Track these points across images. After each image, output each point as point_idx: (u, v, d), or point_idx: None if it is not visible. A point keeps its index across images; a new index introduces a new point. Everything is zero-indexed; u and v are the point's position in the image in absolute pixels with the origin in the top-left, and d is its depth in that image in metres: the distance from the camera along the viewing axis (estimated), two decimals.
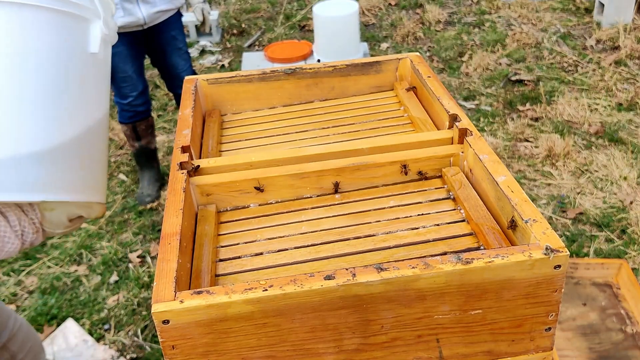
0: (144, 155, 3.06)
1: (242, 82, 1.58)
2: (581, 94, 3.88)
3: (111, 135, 3.61)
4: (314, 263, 1.06)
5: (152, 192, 3.06)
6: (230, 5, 5.69)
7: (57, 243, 2.80)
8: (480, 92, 3.98)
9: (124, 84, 2.80)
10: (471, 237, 1.10)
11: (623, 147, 3.32)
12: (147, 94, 2.91)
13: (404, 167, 1.24)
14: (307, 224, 1.16)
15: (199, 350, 0.89)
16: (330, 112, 1.57)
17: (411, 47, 4.73)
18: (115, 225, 2.91)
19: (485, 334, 0.97)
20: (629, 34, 4.48)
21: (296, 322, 0.90)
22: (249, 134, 1.51)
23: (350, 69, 1.60)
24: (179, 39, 2.88)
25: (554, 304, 0.95)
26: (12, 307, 2.48)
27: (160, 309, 0.85)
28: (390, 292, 0.90)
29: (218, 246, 1.13)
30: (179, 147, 1.24)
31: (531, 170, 3.18)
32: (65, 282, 2.58)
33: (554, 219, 2.81)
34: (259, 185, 1.21)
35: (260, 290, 0.87)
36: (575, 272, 2.32)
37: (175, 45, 2.86)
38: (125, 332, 2.34)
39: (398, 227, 1.13)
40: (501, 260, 0.90)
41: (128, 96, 2.84)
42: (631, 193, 2.95)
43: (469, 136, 1.23)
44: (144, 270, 2.63)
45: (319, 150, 1.26)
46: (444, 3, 5.45)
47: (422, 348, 0.97)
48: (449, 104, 1.33)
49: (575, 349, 2.06)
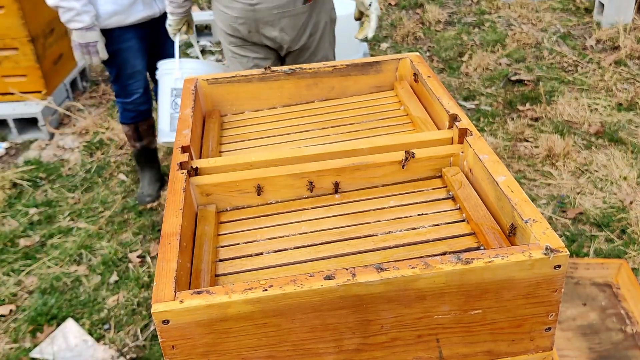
0: (144, 156, 3.06)
1: (242, 82, 1.58)
2: (581, 94, 3.88)
3: (111, 135, 3.61)
4: (314, 263, 1.06)
5: (152, 192, 3.06)
6: None
7: (57, 243, 2.80)
8: (480, 92, 3.98)
9: (132, 80, 2.77)
10: (471, 237, 1.10)
11: (623, 147, 3.32)
12: (149, 92, 2.91)
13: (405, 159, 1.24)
14: (307, 224, 1.16)
15: (199, 350, 0.89)
16: (330, 112, 1.57)
17: (411, 47, 4.73)
18: (115, 225, 2.91)
19: (485, 334, 0.97)
20: (629, 34, 4.48)
21: (296, 322, 0.90)
22: (249, 134, 1.51)
23: (350, 69, 1.60)
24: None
25: (554, 304, 0.95)
26: (12, 307, 2.48)
27: (160, 309, 0.85)
28: (390, 292, 0.90)
29: (218, 246, 1.13)
30: (179, 147, 1.24)
31: (531, 170, 3.18)
32: (65, 282, 2.58)
33: (553, 219, 2.81)
34: (258, 185, 1.22)
35: (260, 290, 0.87)
36: (575, 272, 2.32)
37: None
38: (125, 332, 2.34)
39: (398, 227, 1.13)
40: (501, 260, 0.90)
41: (134, 93, 2.82)
42: (631, 193, 2.95)
43: (469, 136, 1.23)
44: (144, 270, 2.63)
45: (319, 150, 1.26)
46: (444, 3, 5.45)
47: (422, 348, 0.97)
48: (449, 103, 1.33)
49: (575, 349, 2.06)
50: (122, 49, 2.67)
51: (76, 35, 2.52)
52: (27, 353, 2.26)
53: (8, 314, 2.45)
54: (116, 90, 2.86)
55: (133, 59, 2.72)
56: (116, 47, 2.66)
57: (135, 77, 2.78)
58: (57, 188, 3.20)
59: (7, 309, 2.47)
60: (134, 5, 2.59)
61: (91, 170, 3.34)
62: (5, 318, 2.43)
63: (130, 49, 2.69)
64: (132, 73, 2.76)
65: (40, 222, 2.95)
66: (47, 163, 3.42)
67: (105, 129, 3.69)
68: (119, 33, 2.62)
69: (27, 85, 3.62)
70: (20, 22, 3.42)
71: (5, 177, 3.24)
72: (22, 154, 3.53)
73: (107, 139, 3.60)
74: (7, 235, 2.84)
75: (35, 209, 3.03)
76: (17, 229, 2.89)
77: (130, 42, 2.67)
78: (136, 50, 2.71)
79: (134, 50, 2.71)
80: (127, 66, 2.72)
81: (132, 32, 2.66)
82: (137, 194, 3.07)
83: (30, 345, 2.30)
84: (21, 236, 2.85)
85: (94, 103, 4.05)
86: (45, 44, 3.65)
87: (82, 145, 3.57)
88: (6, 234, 2.85)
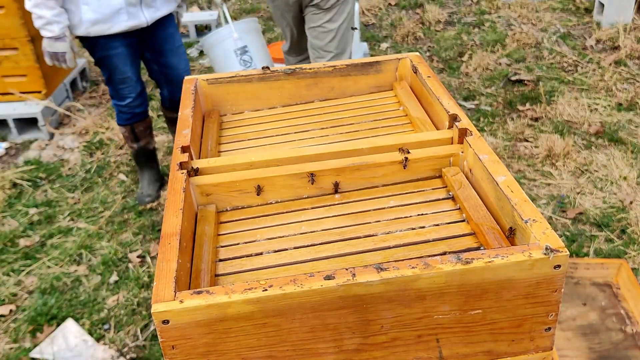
0: (143, 156, 3.06)
1: (241, 82, 1.58)
2: (581, 94, 3.88)
3: (111, 135, 3.61)
4: (314, 263, 1.06)
5: (152, 192, 3.06)
6: (230, 5, 5.69)
7: (57, 243, 2.80)
8: (480, 92, 3.98)
9: (123, 85, 2.77)
10: (471, 237, 1.10)
11: (623, 147, 3.32)
12: (144, 95, 2.90)
13: (405, 158, 1.24)
14: (307, 224, 1.16)
15: (199, 350, 0.89)
16: (330, 112, 1.57)
17: (411, 47, 4.73)
18: (115, 225, 2.91)
19: (485, 334, 0.97)
20: (628, 34, 4.48)
21: (296, 322, 0.90)
22: (249, 134, 1.51)
23: (350, 69, 1.60)
24: (176, 37, 2.85)
25: (554, 304, 0.95)
26: (12, 307, 2.48)
27: (160, 309, 0.85)
28: (390, 292, 0.90)
29: (218, 246, 1.13)
30: (178, 147, 1.24)
31: (531, 170, 3.18)
32: (65, 282, 2.58)
33: (553, 219, 2.81)
34: (258, 185, 1.21)
35: (260, 290, 0.87)
36: (575, 272, 2.32)
37: (173, 43, 2.83)
38: (125, 332, 2.34)
39: (398, 227, 1.13)
40: (501, 260, 0.90)
41: (126, 97, 2.82)
42: (631, 193, 2.95)
43: (469, 136, 1.23)
44: (144, 270, 2.63)
45: (319, 150, 1.26)
46: (444, 3, 5.45)
47: (422, 348, 0.97)
48: (448, 104, 1.33)
49: (575, 349, 2.06)
50: (110, 55, 2.66)
51: (46, 43, 2.54)
52: (27, 353, 2.26)
53: (8, 314, 2.45)
54: (110, 92, 2.86)
55: (122, 66, 2.71)
56: (104, 54, 2.65)
57: (126, 82, 2.76)
58: (57, 188, 3.20)
59: (7, 309, 2.47)
60: (117, 15, 2.54)
61: (91, 170, 3.34)
62: (5, 318, 2.43)
63: (118, 56, 2.67)
64: (123, 79, 2.75)
65: (40, 222, 2.95)
66: (47, 163, 3.43)
67: (105, 129, 3.69)
68: (104, 41, 2.61)
69: (27, 85, 3.62)
70: (20, 22, 3.42)
71: (5, 177, 3.24)
72: (22, 154, 3.53)
73: (107, 139, 3.60)
74: (7, 235, 2.84)
75: (35, 209, 3.04)
76: (17, 229, 2.89)
77: (118, 50, 2.65)
78: (124, 57, 2.69)
79: (122, 57, 2.69)
80: (116, 72, 2.71)
81: (118, 41, 2.63)
82: (137, 194, 3.07)
83: (30, 345, 2.30)
84: (21, 236, 2.85)
85: (94, 103, 4.05)
86: None
87: (82, 145, 3.57)
88: (6, 234, 2.85)
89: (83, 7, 2.50)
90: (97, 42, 2.61)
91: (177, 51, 2.86)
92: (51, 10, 2.43)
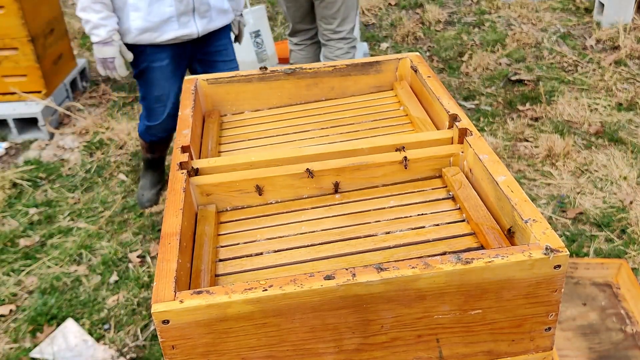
0: (154, 163, 3.05)
1: (241, 82, 1.58)
2: (581, 93, 3.88)
3: (111, 135, 3.61)
4: (314, 263, 1.06)
5: (151, 196, 3.05)
6: None
7: (57, 243, 2.80)
8: (480, 92, 3.98)
9: (158, 104, 2.61)
10: (471, 237, 1.10)
11: (623, 147, 3.32)
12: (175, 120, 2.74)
13: (405, 158, 1.24)
14: (307, 224, 1.16)
15: (199, 350, 0.89)
16: (330, 112, 1.57)
17: (411, 47, 4.73)
18: (115, 225, 2.91)
19: (485, 334, 0.97)
20: (628, 34, 4.48)
21: (296, 322, 0.90)
22: (249, 134, 1.51)
23: (350, 69, 1.60)
24: (229, 49, 2.71)
25: (554, 303, 0.95)
26: (12, 307, 2.48)
27: (160, 309, 0.85)
28: (390, 292, 0.90)
29: (218, 246, 1.13)
30: (179, 147, 1.24)
31: (531, 170, 3.18)
32: (65, 282, 2.58)
33: (553, 219, 2.81)
34: (258, 186, 1.21)
35: (260, 290, 0.87)
36: (575, 272, 2.32)
37: (226, 55, 2.69)
38: (125, 332, 2.34)
39: (398, 227, 1.13)
40: (501, 260, 0.90)
41: (157, 119, 2.67)
42: (631, 193, 2.95)
43: (469, 136, 1.23)
44: (144, 270, 2.63)
45: (319, 150, 1.26)
46: (444, 3, 5.45)
47: (422, 348, 0.97)
48: (448, 103, 1.33)
49: (575, 349, 2.06)
50: (153, 67, 2.52)
51: (95, 49, 2.43)
52: (27, 353, 2.26)
53: (8, 314, 2.45)
54: (142, 109, 2.74)
55: (163, 80, 2.56)
56: (146, 65, 2.52)
57: (161, 100, 2.61)
58: (57, 188, 3.20)
59: (7, 309, 2.47)
60: (167, 24, 2.42)
61: (91, 170, 3.34)
62: (5, 318, 2.43)
63: (161, 69, 2.53)
64: (159, 96, 2.60)
65: (40, 222, 2.95)
66: (47, 163, 3.42)
67: (105, 129, 3.69)
68: (151, 51, 2.48)
69: (27, 85, 3.62)
70: (20, 22, 3.42)
71: (5, 177, 3.24)
72: (22, 154, 3.53)
73: (107, 139, 3.60)
74: (7, 235, 2.84)
75: (35, 209, 3.04)
76: (17, 229, 2.89)
77: (163, 62, 2.51)
78: (168, 72, 2.55)
79: (166, 71, 2.54)
80: (155, 87, 2.57)
81: (166, 52, 2.50)
82: (137, 194, 3.07)
83: (30, 345, 2.30)
84: (21, 236, 2.85)
85: (94, 103, 4.05)
86: (45, 44, 3.65)
87: (82, 145, 3.57)
88: (6, 234, 2.85)
89: (132, 14, 2.38)
90: (144, 51, 2.48)
91: (229, 65, 2.72)
92: (98, 13, 2.33)
